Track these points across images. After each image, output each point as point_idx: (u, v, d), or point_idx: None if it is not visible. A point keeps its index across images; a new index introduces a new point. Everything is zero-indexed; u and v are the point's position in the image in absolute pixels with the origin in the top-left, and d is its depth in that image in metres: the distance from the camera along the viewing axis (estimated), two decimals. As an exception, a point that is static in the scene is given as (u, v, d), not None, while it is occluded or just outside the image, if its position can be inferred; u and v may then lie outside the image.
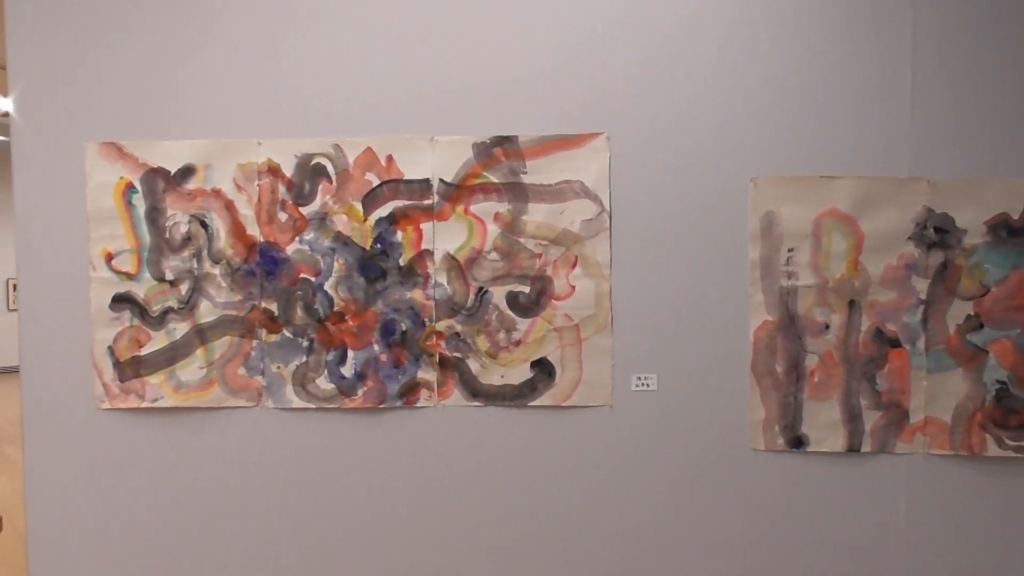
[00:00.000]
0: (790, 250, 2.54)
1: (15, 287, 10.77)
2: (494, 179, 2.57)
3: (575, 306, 2.57)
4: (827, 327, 2.54)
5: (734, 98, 2.55)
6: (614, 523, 2.62)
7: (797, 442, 2.57)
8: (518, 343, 2.58)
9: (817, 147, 2.54)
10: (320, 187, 2.61)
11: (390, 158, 2.60)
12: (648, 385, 2.58)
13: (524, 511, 2.63)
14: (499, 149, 2.56)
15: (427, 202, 2.58)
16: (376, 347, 2.61)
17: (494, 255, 2.58)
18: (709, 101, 2.55)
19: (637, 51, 2.56)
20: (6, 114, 6.08)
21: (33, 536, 2.72)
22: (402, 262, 2.60)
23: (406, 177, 2.59)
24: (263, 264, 2.63)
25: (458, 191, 2.58)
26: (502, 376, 2.59)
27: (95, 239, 2.66)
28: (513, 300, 2.58)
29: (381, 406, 2.63)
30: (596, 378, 2.58)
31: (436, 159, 2.58)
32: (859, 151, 2.52)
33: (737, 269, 2.56)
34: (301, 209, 2.62)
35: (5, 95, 5.55)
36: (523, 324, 2.58)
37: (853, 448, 2.55)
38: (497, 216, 2.57)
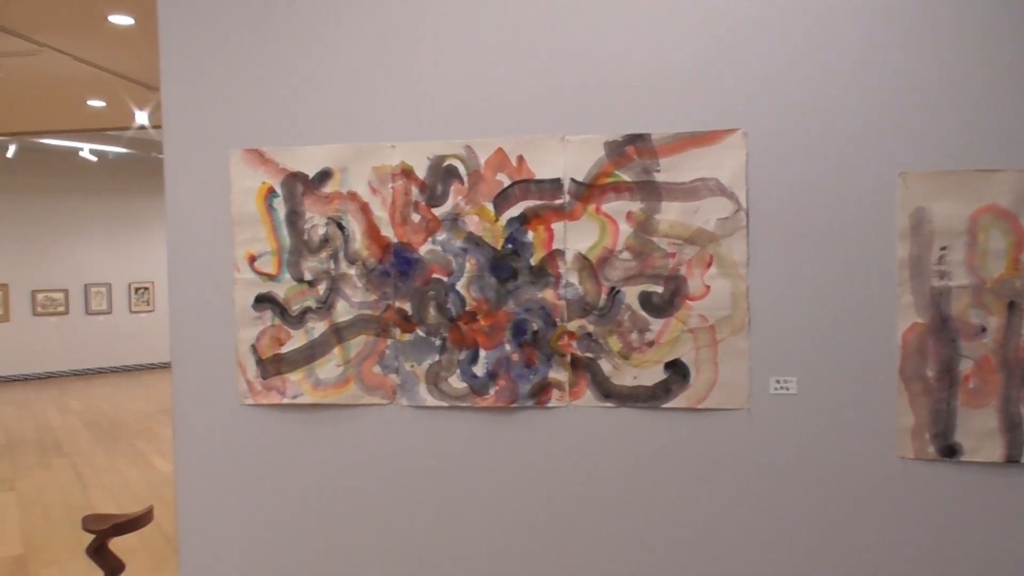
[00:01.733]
0: (942, 248, 2.40)
1: (136, 291, 11.49)
2: (626, 178, 2.54)
3: (710, 306, 2.51)
4: (984, 330, 2.39)
5: (879, 90, 2.43)
6: (750, 530, 2.55)
7: (949, 451, 2.43)
8: (651, 344, 2.54)
9: (971, 140, 2.39)
10: (452, 188, 2.64)
11: (521, 158, 2.61)
12: (788, 388, 2.49)
13: (656, 514, 2.59)
14: (631, 147, 2.53)
15: (558, 202, 2.58)
16: (508, 347, 2.63)
17: (626, 254, 2.55)
18: (852, 93, 2.44)
19: (775, 43, 2.48)
20: (142, 127, 6.48)
21: (183, 524, 2.87)
22: (533, 262, 2.61)
23: (537, 177, 2.60)
24: (397, 264, 2.69)
25: (589, 190, 2.56)
26: (635, 377, 2.56)
27: (239, 242, 2.78)
28: (646, 300, 2.54)
29: (512, 405, 2.64)
30: (732, 380, 2.51)
31: (567, 158, 2.58)
32: (1020, 143, 2.36)
33: (883, 268, 2.44)
34: (433, 210, 2.66)
35: (142, 109, 5.91)
36: (656, 324, 2.54)
37: (1012, 459, 2.40)
38: (629, 215, 2.54)
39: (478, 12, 2.64)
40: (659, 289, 2.54)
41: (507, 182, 2.61)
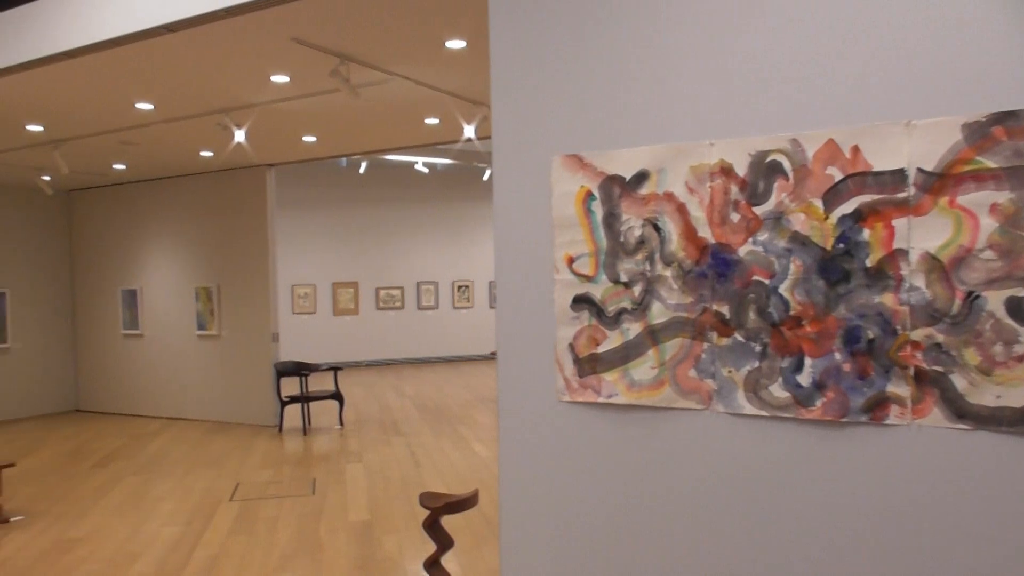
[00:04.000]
0: None
1: (459, 288, 12.58)
2: (991, 164, 2.19)
3: (1103, 316, 2.08)
4: None
5: None
6: None
7: None
8: (1021, 358, 2.17)
9: None
10: (775, 185, 2.49)
11: (855, 149, 2.37)
12: None
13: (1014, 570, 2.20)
14: (999, 128, 2.18)
15: (901, 195, 2.30)
16: (838, 355, 2.41)
17: (989, 253, 2.20)
18: None
19: None
20: (469, 139, 7.06)
21: (504, 509, 3.05)
22: (869, 263, 2.36)
23: (875, 169, 2.34)
24: (715, 266, 2.60)
25: (941, 181, 2.25)
26: (998, 396, 2.20)
27: (558, 244, 2.89)
28: (1015, 307, 2.17)
29: (842, 420, 2.42)
30: None
31: (913, 145, 2.29)
32: None
33: None
34: (754, 209, 2.53)
35: (469, 123, 6.43)
36: (1027, 336, 2.16)
37: None
38: (994, 207, 2.19)
39: (806, -6, 2.45)
40: (1031, 294, 2.15)
41: (839, 176, 2.39)
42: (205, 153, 8.98)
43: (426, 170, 15.73)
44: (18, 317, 11.06)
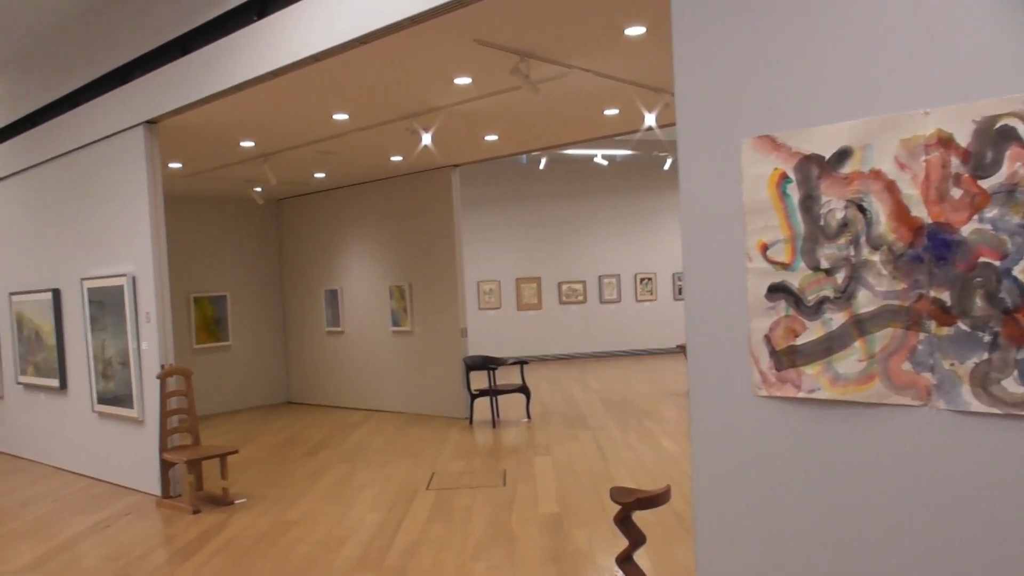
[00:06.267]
0: None
1: (641, 281, 12.37)
2: None
3: None
4: None
5: None
6: None
7: None
8: None
9: None
10: (1007, 154, 2.21)
11: (1108, 108, 2.05)
12: None
13: None
14: None
15: None
16: (1089, 346, 2.10)
17: None
18: None
19: None
20: (649, 128, 6.93)
21: (698, 506, 2.95)
22: None
23: None
24: (932, 248, 2.35)
25: None
26: None
27: (751, 231, 2.74)
28: None
29: (1096, 420, 2.11)
30: None
31: None
32: None
33: None
34: (980, 183, 2.26)
35: (650, 111, 6.30)
36: None
37: None
38: None
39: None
40: None
41: (1086, 140, 2.08)
42: (395, 158, 9.45)
43: (605, 162, 15.65)
44: (237, 317, 12.22)
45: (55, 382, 8.44)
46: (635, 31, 5.07)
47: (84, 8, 7.23)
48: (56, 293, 8.32)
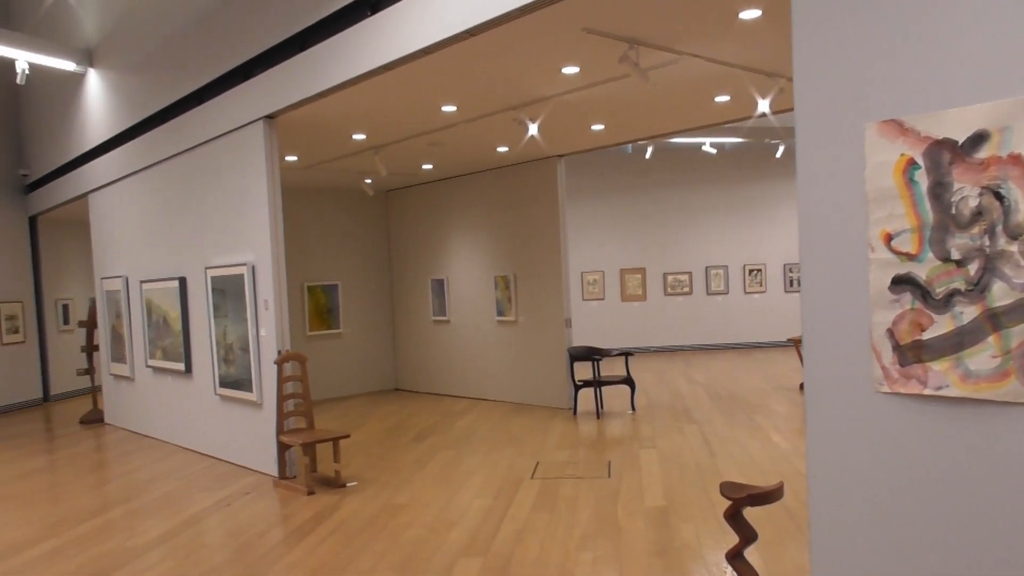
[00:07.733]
0: None
1: (750, 272, 12.04)
2: None
3: None
4: None
5: None
6: None
7: None
8: None
9: None
10: None
11: None
12: None
13: None
14: None
15: None
16: None
17: None
18: None
19: None
20: (763, 115, 6.71)
21: (814, 504, 2.86)
22: None
23: None
24: (1079, 238, 2.19)
25: None
26: None
27: (874, 220, 2.62)
28: None
29: None
30: None
31: None
32: None
33: None
34: None
35: (763, 97, 6.11)
36: None
37: None
38: None
39: None
40: None
41: None
42: (501, 148, 9.54)
43: (714, 151, 15.27)
44: (348, 306, 12.65)
45: (181, 366, 8.98)
46: (750, 14, 4.92)
47: (207, 10, 7.64)
48: (182, 281, 8.84)
